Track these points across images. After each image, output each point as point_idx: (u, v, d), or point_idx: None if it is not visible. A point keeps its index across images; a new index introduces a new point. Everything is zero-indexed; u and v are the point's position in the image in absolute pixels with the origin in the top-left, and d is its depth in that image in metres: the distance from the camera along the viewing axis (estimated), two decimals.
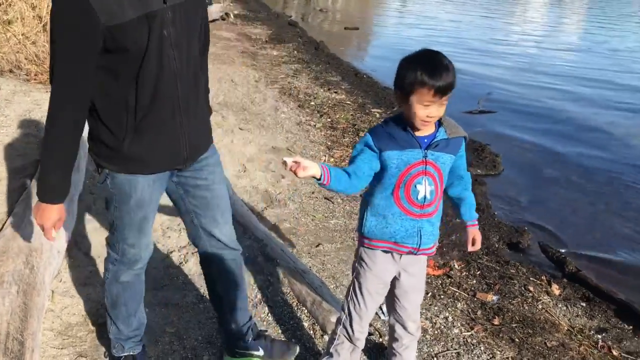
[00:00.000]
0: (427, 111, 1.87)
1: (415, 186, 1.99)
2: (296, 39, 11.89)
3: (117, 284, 2.22)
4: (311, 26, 15.47)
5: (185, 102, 1.91)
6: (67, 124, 1.78)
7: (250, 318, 2.53)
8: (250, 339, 2.49)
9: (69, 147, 1.82)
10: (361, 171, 1.99)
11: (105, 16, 1.62)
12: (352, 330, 2.23)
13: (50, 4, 1.68)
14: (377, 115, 6.93)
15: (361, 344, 2.29)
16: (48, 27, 7.23)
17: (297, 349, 2.58)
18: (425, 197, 2.01)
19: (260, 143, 5.41)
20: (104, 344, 2.57)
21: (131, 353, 2.40)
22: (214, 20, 12.14)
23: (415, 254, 2.10)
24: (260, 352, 2.51)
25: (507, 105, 8.45)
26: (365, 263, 2.14)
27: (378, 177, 2.04)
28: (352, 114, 6.85)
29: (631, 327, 3.30)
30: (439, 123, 2.01)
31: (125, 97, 1.80)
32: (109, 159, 1.93)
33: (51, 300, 2.76)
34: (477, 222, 2.28)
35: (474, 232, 2.27)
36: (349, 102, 7.40)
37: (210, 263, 2.34)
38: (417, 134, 1.97)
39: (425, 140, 1.98)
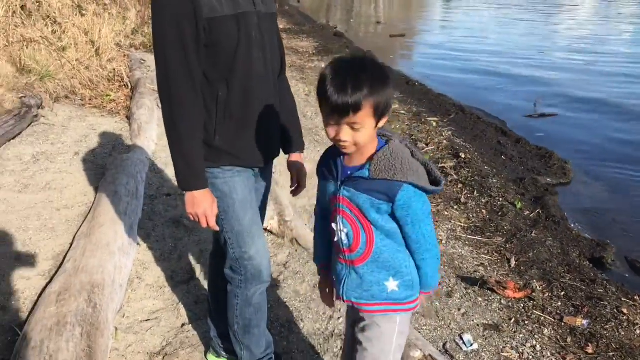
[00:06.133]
0: (334, 132, 1.51)
1: (331, 224, 1.69)
2: (343, 50, 11.73)
3: (249, 307, 2.16)
4: (357, 36, 15.30)
5: (269, 103, 2.01)
6: (191, 104, 1.84)
7: None
8: None
9: (200, 127, 1.88)
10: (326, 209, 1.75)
11: (207, 9, 1.79)
12: None
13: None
14: (434, 124, 6.67)
15: None
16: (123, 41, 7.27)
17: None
18: (341, 241, 1.66)
19: (316, 159, 5.23)
20: None
21: None
22: None
23: (344, 302, 1.74)
24: None
25: (567, 107, 8.00)
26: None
27: None
28: (407, 124, 6.62)
29: None
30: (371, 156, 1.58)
31: (216, 92, 1.89)
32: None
33: (114, 338, 2.64)
34: (427, 293, 1.74)
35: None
36: (403, 112, 7.16)
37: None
38: (347, 162, 1.62)
39: (349, 172, 1.61)
